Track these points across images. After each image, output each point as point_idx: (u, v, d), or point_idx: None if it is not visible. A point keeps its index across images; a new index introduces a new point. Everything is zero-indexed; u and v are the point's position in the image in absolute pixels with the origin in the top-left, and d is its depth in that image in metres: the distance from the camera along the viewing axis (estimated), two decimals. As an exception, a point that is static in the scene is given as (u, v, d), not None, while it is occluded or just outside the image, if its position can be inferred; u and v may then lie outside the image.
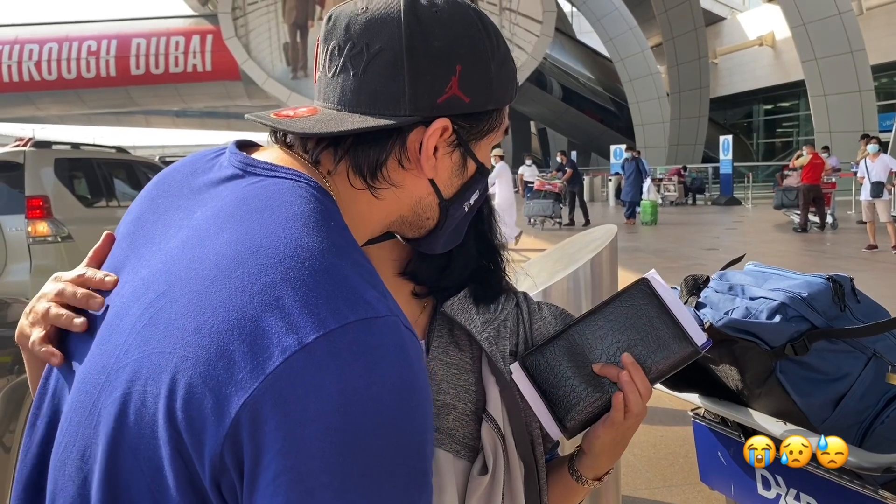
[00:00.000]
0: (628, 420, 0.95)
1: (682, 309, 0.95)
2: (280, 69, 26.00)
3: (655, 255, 11.24)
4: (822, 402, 1.56)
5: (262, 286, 0.64)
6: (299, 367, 0.61)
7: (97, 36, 28.05)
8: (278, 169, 0.76)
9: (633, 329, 0.96)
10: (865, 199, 11.19)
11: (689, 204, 22.86)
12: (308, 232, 0.68)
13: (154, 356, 0.65)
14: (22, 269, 5.97)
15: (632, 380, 0.95)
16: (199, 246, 0.70)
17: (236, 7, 25.74)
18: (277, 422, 0.60)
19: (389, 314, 0.66)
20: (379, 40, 0.77)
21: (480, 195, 0.90)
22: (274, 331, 0.62)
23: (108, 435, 0.67)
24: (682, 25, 28.08)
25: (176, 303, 0.66)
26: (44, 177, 6.33)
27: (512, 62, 0.86)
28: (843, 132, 19.79)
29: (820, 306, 1.59)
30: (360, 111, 0.78)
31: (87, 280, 0.80)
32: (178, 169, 0.87)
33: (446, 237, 0.90)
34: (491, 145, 0.88)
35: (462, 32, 0.78)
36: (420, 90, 0.77)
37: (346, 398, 0.61)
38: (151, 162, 9.38)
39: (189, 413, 0.62)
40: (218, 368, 0.62)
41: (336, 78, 0.79)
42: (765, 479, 1.70)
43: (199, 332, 0.64)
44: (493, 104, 0.83)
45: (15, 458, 2.38)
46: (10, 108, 30.36)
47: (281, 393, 0.60)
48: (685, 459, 3.54)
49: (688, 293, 1.70)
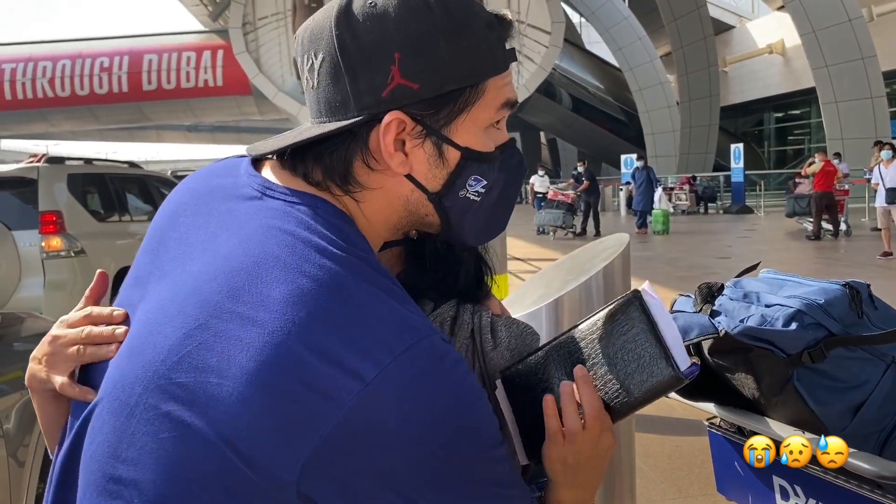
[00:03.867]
0: (571, 442, 0.81)
1: (671, 329, 0.83)
2: (290, 83, 26.12)
3: (668, 264, 11.19)
4: (841, 411, 1.54)
5: (308, 328, 0.67)
6: (366, 405, 0.66)
7: (109, 52, 28.30)
8: (293, 193, 0.77)
9: (616, 346, 0.84)
10: (880, 206, 11.10)
11: (701, 213, 22.78)
12: (337, 266, 0.71)
13: (209, 386, 0.67)
14: (36, 283, 6.01)
15: (573, 392, 0.82)
16: (233, 276, 0.71)
17: (247, 22, 25.92)
18: (351, 461, 0.66)
19: (429, 332, 0.70)
20: (321, 49, 0.77)
21: (492, 178, 0.82)
22: (331, 374, 0.66)
23: (155, 457, 0.68)
24: (691, 34, 28.07)
25: (221, 337, 0.68)
26: (57, 192, 6.38)
27: (485, 29, 0.78)
28: (855, 139, 19.68)
29: (837, 313, 1.57)
30: (321, 120, 0.79)
31: (95, 317, 0.82)
32: (196, 183, 0.87)
33: (476, 228, 0.85)
34: (481, 124, 0.80)
35: (397, 19, 0.74)
36: (361, 88, 0.75)
37: (414, 426, 0.67)
38: (164, 176, 9.43)
39: (251, 451, 0.66)
40: (282, 408, 0.65)
41: (307, 92, 0.81)
42: (783, 490, 1.68)
43: (256, 372, 0.66)
44: (454, 83, 0.76)
45: (29, 472, 2.39)
46: (25, 125, 30.66)
47: (353, 432, 0.65)
48: (701, 469, 3.50)
49: (702, 301, 1.69)
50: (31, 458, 2.41)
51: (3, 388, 2.43)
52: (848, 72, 20.28)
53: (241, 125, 44.50)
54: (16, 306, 5.68)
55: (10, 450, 2.33)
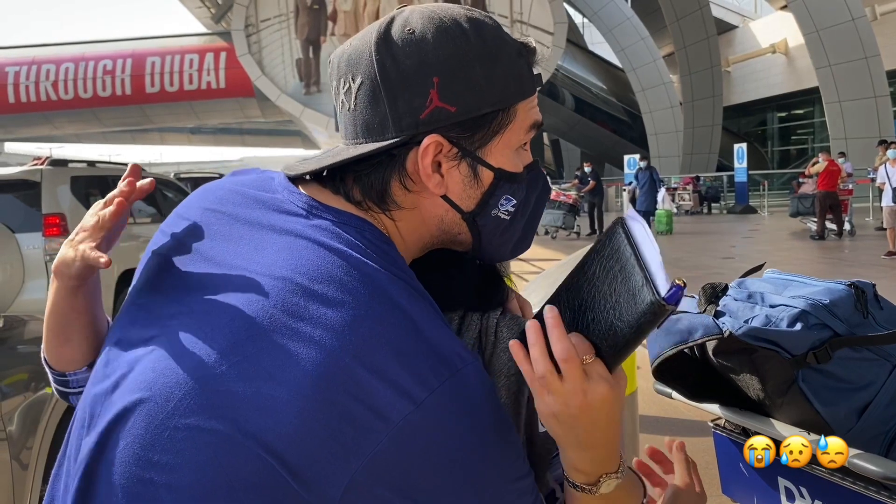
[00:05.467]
0: (552, 392, 0.74)
1: (654, 253, 0.72)
2: (293, 85, 26.18)
3: (672, 264, 11.17)
4: (847, 412, 1.53)
5: (365, 348, 0.69)
6: (414, 426, 0.69)
7: (112, 55, 28.37)
8: (340, 213, 0.80)
9: (604, 285, 0.75)
10: (887, 205, 11.05)
11: (705, 213, 22.76)
12: (390, 289, 0.74)
13: (259, 397, 0.69)
14: (39, 286, 6.01)
15: (537, 333, 0.74)
16: (287, 292, 0.73)
17: (249, 24, 25.98)
18: (393, 480, 0.69)
19: (472, 359, 0.74)
20: (359, 73, 0.79)
21: (521, 198, 0.85)
22: (386, 394, 0.68)
23: (194, 464, 0.69)
24: (694, 34, 28.04)
25: (275, 351, 0.70)
26: (60, 195, 6.39)
27: (515, 56, 0.81)
28: (859, 138, 19.63)
29: (842, 313, 1.56)
30: (357, 141, 0.81)
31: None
32: (227, 193, 0.87)
33: (505, 245, 0.88)
34: (512, 146, 0.83)
35: (435, 44, 0.77)
36: (400, 111, 0.78)
37: (453, 450, 0.71)
38: (167, 179, 9.44)
39: (299, 464, 0.68)
40: (336, 424, 0.68)
41: (342, 114, 0.83)
42: (788, 491, 1.67)
43: (313, 387, 0.68)
44: (490, 106, 0.79)
45: (32, 475, 2.39)
46: (28, 128, 30.75)
47: (399, 451, 0.68)
48: (705, 470, 3.47)
49: (706, 302, 1.68)
50: (34, 460, 2.41)
51: (7, 391, 2.43)
52: (851, 71, 20.23)
53: (244, 127, 44.56)
54: (19, 309, 5.68)
55: (13, 452, 2.33)
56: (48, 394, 2.61)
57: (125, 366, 0.77)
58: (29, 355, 2.80)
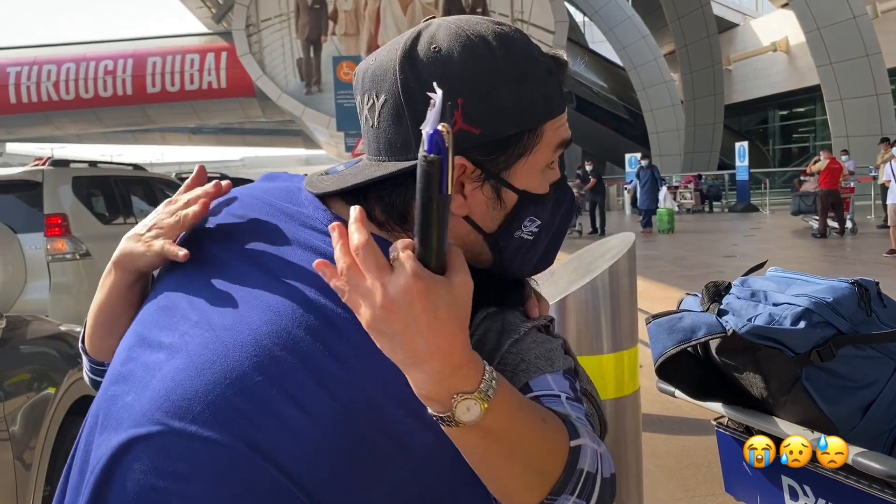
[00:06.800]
0: (354, 288, 0.63)
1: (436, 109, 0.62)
2: (294, 84, 26.16)
3: (673, 263, 11.16)
4: (850, 410, 1.52)
5: (391, 379, 0.68)
6: (435, 456, 0.71)
7: (113, 55, 28.36)
8: None
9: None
10: (892, 203, 10.96)
11: (706, 211, 22.73)
12: None
13: (278, 419, 0.70)
14: (41, 286, 6.01)
15: (341, 231, 0.65)
16: (312, 313, 0.73)
17: (250, 24, 25.97)
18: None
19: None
20: (383, 91, 0.78)
21: (546, 218, 0.83)
22: (408, 425, 0.69)
23: (208, 479, 0.69)
24: (695, 33, 28.01)
25: (298, 373, 0.71)
26: (62, 195, 6.38)
27: (544, 75, 0.79)
28: (861, 136, 19.61)
29: (845, 311, 1.55)
30: (380, 159, 0.80)
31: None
32: (255, 200, 0.88)
33: (528, 264, 0.86)
34: (539, 166, 0.81)
35: (461, 64, 0.75)
36: None
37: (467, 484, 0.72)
38: (168, 179, 9.44)
39: (317, 490, 0.69)
40: (360, 453, 0.69)
41: (366, 130, 0.82)
42: (792, 490, 1.67)
43: (339, 416, 0.69)
44: (516, 127, 0.77)
45: (35, 475, 2.39)
46: (30, 128, 30.75)
47: (420, 481, 0.71)
48: (708, 469, 3.49)
49: (709, 300, 1.68)
50: (37, 460, 2.41)
51: (10, 391, 2.43)
52: (853, 69, 20.20)
53: (245, 127, 44.55)
54: (22, 309, 5.68)
55: (16, 452, 2.33)
56: (51, 394, 2.61)
57: (143, 370, 0.76)
58: (31, 356, 2.81)
